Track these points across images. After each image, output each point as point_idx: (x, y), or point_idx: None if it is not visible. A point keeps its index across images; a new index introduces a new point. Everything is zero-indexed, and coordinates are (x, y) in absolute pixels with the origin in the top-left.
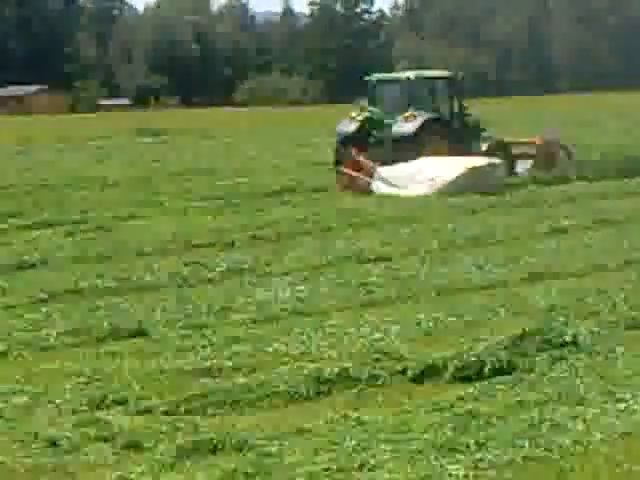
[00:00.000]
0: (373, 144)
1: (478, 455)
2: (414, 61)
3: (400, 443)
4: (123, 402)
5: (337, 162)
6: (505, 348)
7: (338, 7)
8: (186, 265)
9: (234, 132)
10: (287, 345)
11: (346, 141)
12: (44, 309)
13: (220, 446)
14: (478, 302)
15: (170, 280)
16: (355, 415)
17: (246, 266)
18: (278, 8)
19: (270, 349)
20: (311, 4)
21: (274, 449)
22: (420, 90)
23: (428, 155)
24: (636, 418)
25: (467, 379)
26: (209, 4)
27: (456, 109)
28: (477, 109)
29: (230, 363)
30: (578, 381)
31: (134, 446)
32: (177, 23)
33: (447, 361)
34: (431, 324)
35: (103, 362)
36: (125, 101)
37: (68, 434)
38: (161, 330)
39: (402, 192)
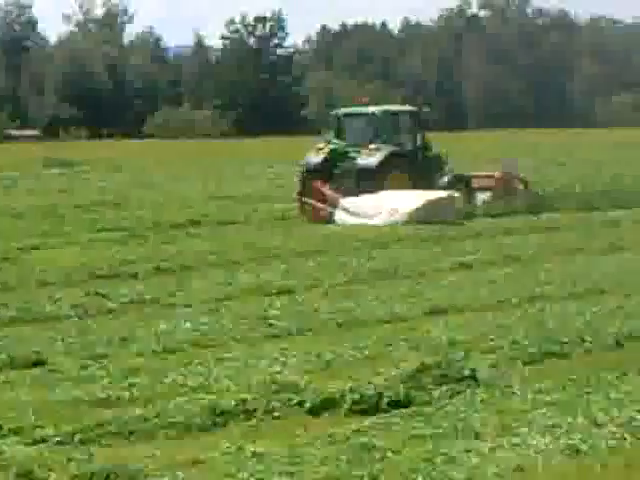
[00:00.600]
0: (337, 175)
1: None
2: (325, 96)
3: (295, 475)
4: (18, 432)
5: (301, 193)
6: (403, 381)
7: (250, 41)
8: (88, 296)
9: (143, 164)
10: (185, 376)
11: (312, 172)
12: None
13: (114, 477)
14: (379, 335)
15: (72, 311)
16: (251, 447)
17: (149, 297)
18: (190, 41)
19: (168, 380)
20: (223, 38)
21: None
22: (384, 124)
23: (390, 187)
24: (530, 452)
25: (364, 412)
26: (121, 35)
27: (419, 143)
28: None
29: (127, 394)
30: (475, 415)
31: (27, 476)
32: (89, 54)
33: (345, 394)
34: (331, 357)
35: None
36: (35, 132)
37: None
38: (60, 360)
39: (364, 222)
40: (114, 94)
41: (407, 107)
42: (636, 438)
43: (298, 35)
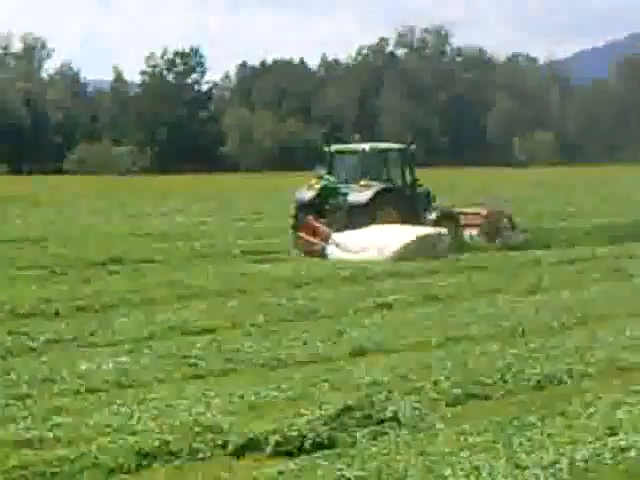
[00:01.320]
0: (329, 211)
1: None
2: (244, 132)
3: None
4: None
5: (295, 227)
6: (326, 423)
7: (170, 77)
8: (10, 334)
9: (62, 199)
10: (108, 417)
11: (304, 208)
12: None
13: None
14: (301, 376)
15: None
16: None
17: (70, 336)
18: (110, 76)
19: (91, 421)
20: (142, 73)
21: None
22: (374, 161)
23: (381, 223)
24: None
25: (288, 454)
26: (39, 70)
27: (408, 179)
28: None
29: (51, 434)
30: (398, 457)
31: None
32: (6, 89)
33: (268, 435)
34: (253, 398)
35: None
36: None
37: None
38: None
39: (354, 258)
40: (33, 129)
41: (396, 144)
42: None
43: (217, 71)
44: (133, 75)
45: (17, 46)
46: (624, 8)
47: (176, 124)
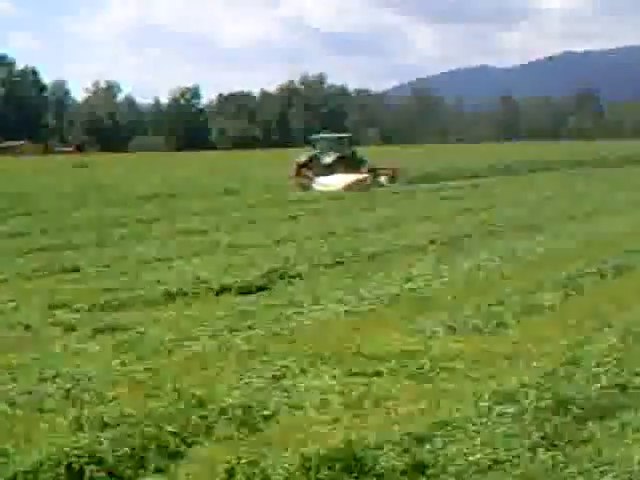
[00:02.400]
0: (314, 166)
1: None
2: None
3: None
4: None
5: (297, 174)
6: (263, 276)
7: None
8: None
9: None
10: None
11: (302, 164)
12: None
13: None
14: (249, 253)
15: None
16: None
17: None
18: None
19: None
20: None
21: None
22: (335, 141)
23: (338, 173)
24: (329, 314)
25: (244, 293)
26: None
27: (351, 151)
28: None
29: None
30: (300, 293)
31: None
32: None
33: (235, 284)
34: (228, 264)
35: None
36: None
37: None
38: None
39: (326, 189)
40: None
41: (345, 133)
42: (383, 306)
43: None
44: None
45: None
46: None
47: None
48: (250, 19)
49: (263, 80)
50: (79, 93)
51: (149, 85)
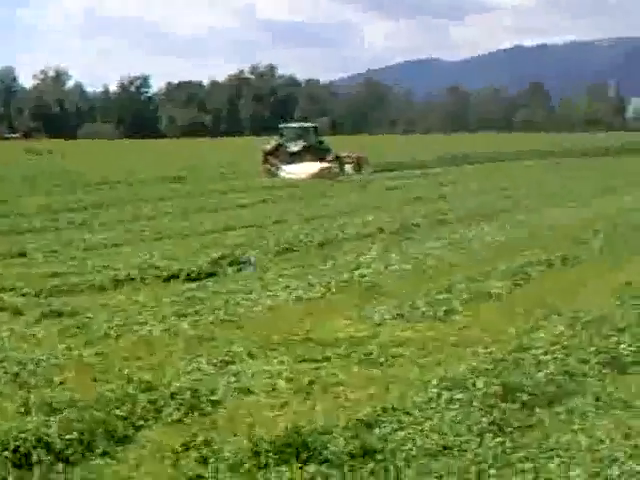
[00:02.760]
0: (281, 154)
1: None
2: None
3: None
4: None
5: (264, 162)
6: (210, 264)
7: None
8: None
9: None
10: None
11: (268, 152)
12: None
13: None
14: (201, 241)
15: None
16: None
17: None
18: None
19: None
20: None
21: None
22: (302, 131)
23: (304, 161)
24: (280, 300)
25: (192, 280)
26: None
27: (316, 140)
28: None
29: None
30: (249, 281)
31: None
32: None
33: (182, 271)
34: (174, 252)
35: None
36: None
37: None
38: None
39: (291, 177)
40: None
41: (311, 123)
42: (331, 293)
43: None
44: None
45: None
46: None
47: None
48: (202, 9)
49: (213, 70)
50: (29, 81)
51: (99, 73)
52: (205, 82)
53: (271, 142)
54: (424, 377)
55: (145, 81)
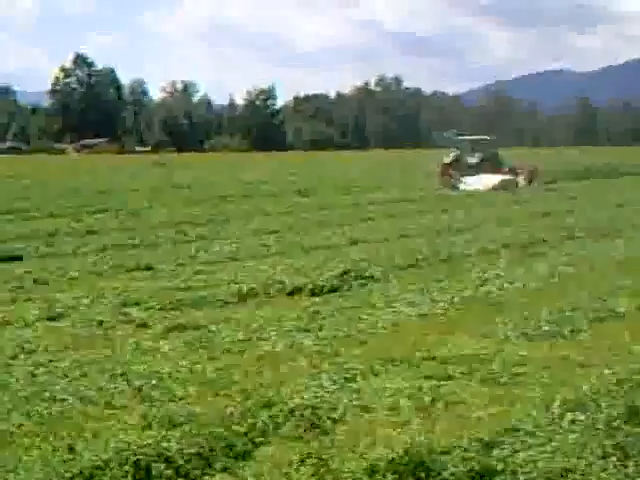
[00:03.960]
0: (460, 167)
1: None
2: None
3: None
4: None
5: (442, 174)
6: (336, 278)
7: None
8: None
9: None
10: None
11: (447, 165)
12: None
13: None
14: (320, 258)
15: None
16: None
17: None
18: None
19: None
20: None
21: None
22: (478, 143)
23: (482, 173)
24: (401, 316)
25: (316, 294)
26: None
27: (492, 153)
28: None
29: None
30: (374, 295)
31: None
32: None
33: (306, 285)
34: (297, 266)
35: None
36: None
37: None
38: None
39: (472, 189)
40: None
41: (487, 136)
42: (455, 309)
43: None
44: None
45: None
46: None
47: None
48: (324, 19)
49: (338, 81)
50: (156, 93)
51: (225, 85)
52: (332, 94)
53: (450, 154)
54: (547, 397)
55: (271, 94)
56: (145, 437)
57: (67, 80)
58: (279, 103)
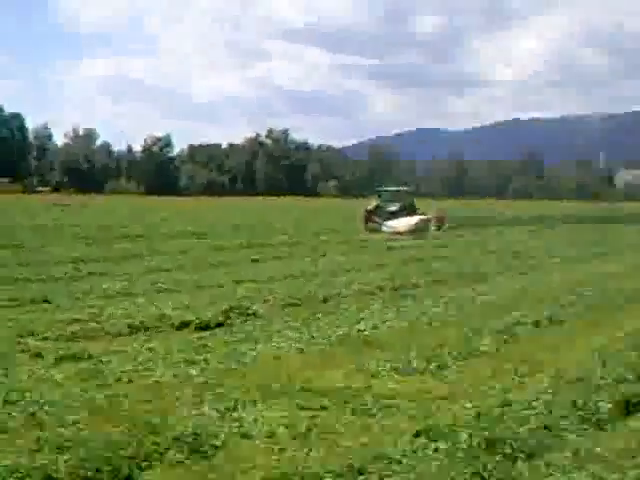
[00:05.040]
0: (380, 214)
1: None
2: None
3: None
4: None
5: (366, 220)
6: (228, 310)
7: None
8: None
9: None
10: None
11: (370, 212)
12: None
13: None
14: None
15: None
16: None
17: None
18: None
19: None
20: None
21: None
22: (396, 195)
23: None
24: (285, 347)
25: (202, 329)
26: None
27: (409, 202)
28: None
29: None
30: (258, 332)
31: None
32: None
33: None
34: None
35: None
36: None
37: None
38: None
39: (393, 231)
40: None
41: (405, 187)
42: (331, 345)
43: None
44: None
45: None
46: None
47: None
48: (223, 79)
49: (231, 133)
50: (60, 138)
51: (124, 134)
52: (224, 145)
53: (372, 203)
54: (413, 427)
55: (167, 141)
56: (36, 460)
57: None
58: (175, 151)
